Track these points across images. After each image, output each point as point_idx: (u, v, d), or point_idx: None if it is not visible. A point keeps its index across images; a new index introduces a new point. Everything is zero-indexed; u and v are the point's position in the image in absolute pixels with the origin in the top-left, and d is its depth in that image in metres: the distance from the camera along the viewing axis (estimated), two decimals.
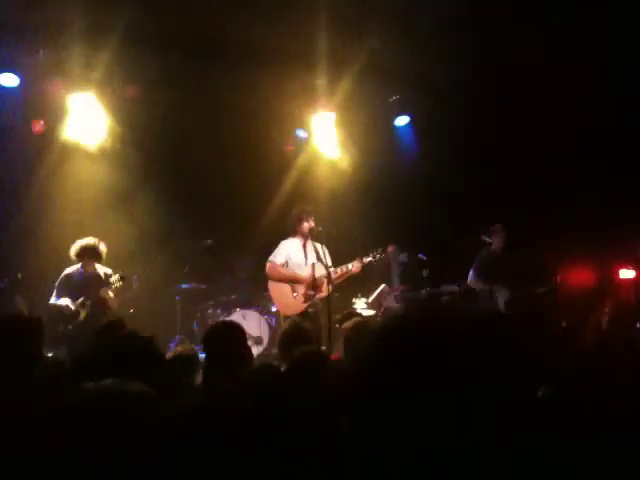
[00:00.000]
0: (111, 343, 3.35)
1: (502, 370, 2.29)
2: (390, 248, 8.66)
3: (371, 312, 8.30)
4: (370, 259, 7.07)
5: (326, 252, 6.86)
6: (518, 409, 2.16)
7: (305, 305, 6.81)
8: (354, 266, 6.97)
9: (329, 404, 2.31)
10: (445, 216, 8.70)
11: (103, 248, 6.85)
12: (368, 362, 2.21)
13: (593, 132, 8.13)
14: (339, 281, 7.02)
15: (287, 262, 6.91)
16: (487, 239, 7.86)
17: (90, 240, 6.81)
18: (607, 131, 8.11)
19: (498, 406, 2.08)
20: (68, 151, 8.22)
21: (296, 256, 6.93)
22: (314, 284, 6.77)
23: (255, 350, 7.84)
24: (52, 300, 6.78)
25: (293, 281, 6.83)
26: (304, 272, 6.85)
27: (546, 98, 7.91)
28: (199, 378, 3.71)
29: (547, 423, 2.18)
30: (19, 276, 7.47)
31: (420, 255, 8.31)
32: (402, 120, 9.19)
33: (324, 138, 8.95)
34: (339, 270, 6.92)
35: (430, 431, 1.88)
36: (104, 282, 6.82)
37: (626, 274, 8.56)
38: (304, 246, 6.96)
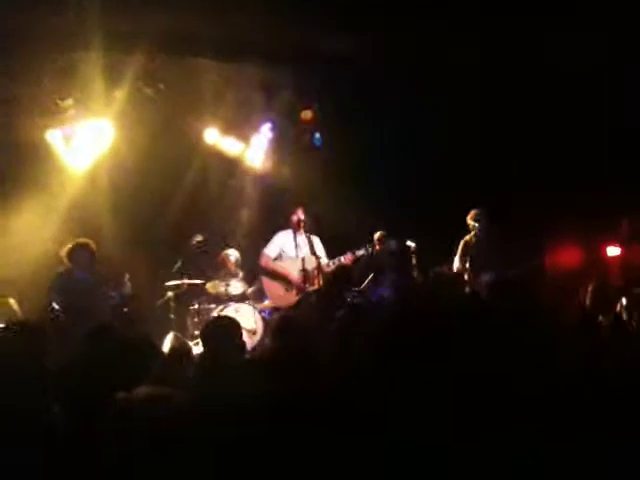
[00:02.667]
0: (103, 346, 3.40)
1: (490, 356, 2.35)
2: (377, 236, 8.71)
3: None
4: (362, 253, 7.19)
5: (318, 243, 7.00)
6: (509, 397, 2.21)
7: (297, 297, 6.90)
8: (346, 259, 7.09)
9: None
10: (431, 200, 8.76)
11: (94, 248, 6.87)
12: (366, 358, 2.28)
13: (577, 112, 8.19)
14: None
15: (281, 254, 7.01)
16: (473, 223, 7.94)
17: (84, 240, 6.84)
18: (594, 110, 8.17)
19: (490, 395, 2.14)
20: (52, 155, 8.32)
21: (288, 248, 7.04)
22: (306, 277, 6.87)
23: (249, 342, 7.90)
24: (48, 302, 6.76)
25: (283, 279, 6.93)
26: (295, 267, 6.94)
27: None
28: (191, 372, 3.78)
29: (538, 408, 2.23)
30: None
31: (408, 242, 8.37)
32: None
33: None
34: (331, 263, 7.04)
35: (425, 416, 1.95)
36: (99, 284, 6.85)
37: (613, 252, 8.64)
38: (295, 238, 7.06)
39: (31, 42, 6.99)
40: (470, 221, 7.96)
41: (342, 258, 7.13)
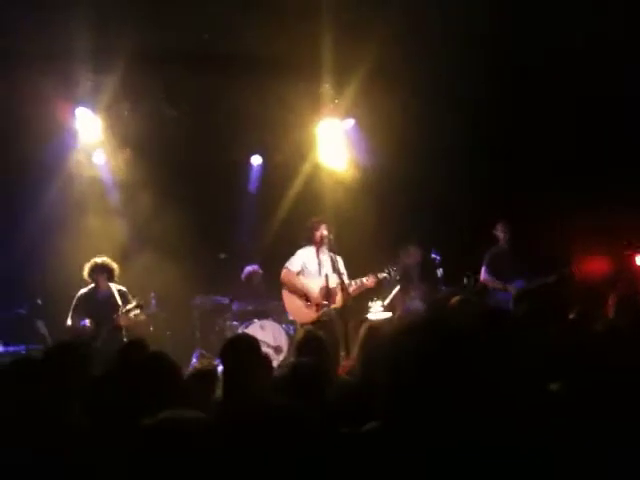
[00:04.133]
0: (131, 365, 3.42)
1: (510, 366, 2.33)
2: (407, 247, 8.64)
3: (387, 314, 8.32)
4: (385, 275, 7.18)
5: (341, 262, 6.97)
6: (529, 404, 2.20)
7: (318, 314, 6.87)
8: (369, 281, 7.07)
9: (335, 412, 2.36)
10: (455, 214, 8.70)
11: (115, 266, 6.94)
12: (383, 365, 2.26)
13: (604, 116, 8.10)
14: (354, 294, 7.08)
15: (303, 270, 6.98)
16: (498, 234, 7.96)
17: (101, 259, 6.91)
18: (620, 114, 8.08)
19: (509, 402, 2.12)
20: (77, 174, 8.42)
21: (311, 265, 6.99)
22: (328, 294, 6.84)
23: (275, 359, 7.90)
24: (68, 322, 6.86)
25: (304, 295, 6.90)
26: (317, 284, 6.91)
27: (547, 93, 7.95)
28: (219, 391, 3.78)
29: (558, 417, 2.21)
30: (39, 302, 7.59)
31: (433, 254, 8.32)
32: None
33: (329, 146, 9.05)
34: (354, 284, 7.01)
35: (445, 428, 1.93)
36: (119, 303, 6.89)
37: None
38: (318, 255, 7.03)
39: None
40: (497, 232, 7.95)
41: (364, 280, 7.09)
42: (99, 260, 6.89)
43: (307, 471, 2.12)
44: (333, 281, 6.87)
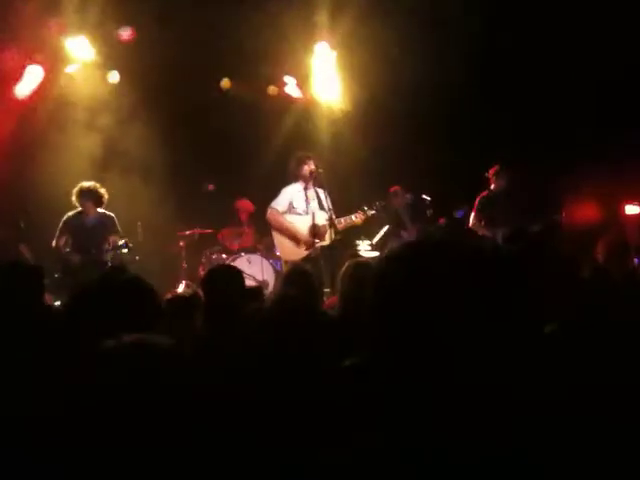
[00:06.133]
0: (109, 287, 3.35)
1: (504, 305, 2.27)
2: (394, 189, 8.55)
3: (375, 254, 8.30)
4: (373, 212, 7.14)
5: (328, 198, 6.87)
6: (524, 345, 2.14)
7: (307, 253, 6.84)
8: (357, 217, 7.03)
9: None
10: (446, 155, 8.57)
11: (103, 192, 6.86)
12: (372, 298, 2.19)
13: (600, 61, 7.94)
14: (341, 230, 7.04)
15: (290, 208, 6.88)
16: (492, 178, 7.87)
17: (89, 183, 6.83)
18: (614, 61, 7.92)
19: (505, 342, 2.07)
20: (65, 99, 8.20)
21: (298, 202, 6.89)
22: (316, 232, 6.79)
23: None
24: (53, 243, 6.83)
25: (292, 236, 6.83)
26: (305, 222, 6.84)
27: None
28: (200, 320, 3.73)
29: (553, 358, 2.17)
30: (22, 225, 7.49)
31: (423, 196, 8.25)
32: None
33: (322, 78, 8.84)
34: (342, 220, 6.97)
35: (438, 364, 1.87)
36: (107, 229, 6.83)
37: (631, 210, 8.52)
38: (305, 191, 6.92)
39: None
40: (491, 176, 7.85)
41: (353, 217, 7.04)
42: (85, 185, 6.81)
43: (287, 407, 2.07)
44: (321, 218, 6.81)
